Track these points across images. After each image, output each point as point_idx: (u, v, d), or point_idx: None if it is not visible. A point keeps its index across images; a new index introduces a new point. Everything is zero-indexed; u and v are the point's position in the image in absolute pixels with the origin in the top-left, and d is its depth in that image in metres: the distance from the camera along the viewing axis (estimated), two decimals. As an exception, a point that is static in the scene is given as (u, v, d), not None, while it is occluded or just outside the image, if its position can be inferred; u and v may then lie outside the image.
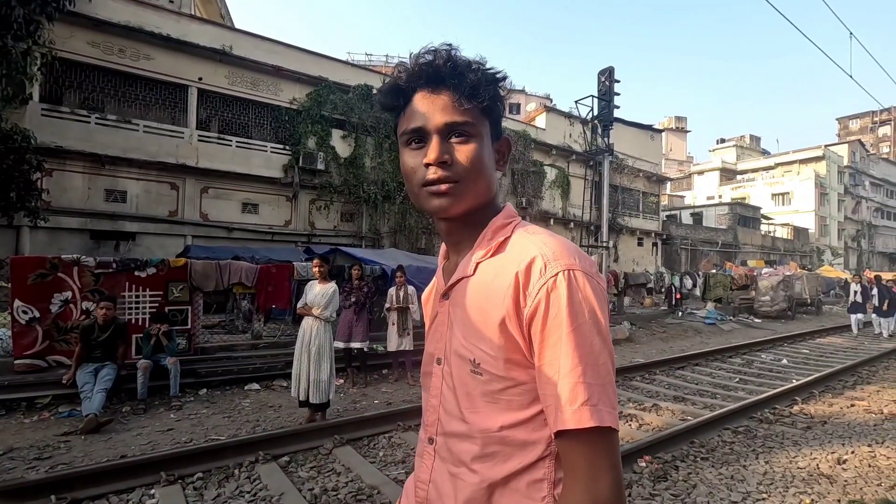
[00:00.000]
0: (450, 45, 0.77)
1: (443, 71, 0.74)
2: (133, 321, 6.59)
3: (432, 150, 0.74)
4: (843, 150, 43.64)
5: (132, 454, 4.13)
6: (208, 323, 9.76)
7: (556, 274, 0.69)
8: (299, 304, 5.29)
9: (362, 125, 15.21)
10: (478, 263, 0.79)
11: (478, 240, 0.81)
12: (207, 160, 12.95)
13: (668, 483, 3.75)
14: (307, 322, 5.13)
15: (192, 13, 14.28)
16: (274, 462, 4.06)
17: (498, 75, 0.78)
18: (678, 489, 3.64)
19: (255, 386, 6.54)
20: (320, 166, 14.37)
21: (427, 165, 0.74)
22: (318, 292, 5.22)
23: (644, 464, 4.05)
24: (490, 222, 0.81)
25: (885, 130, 61.77)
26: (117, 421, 5.02)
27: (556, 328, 0.68)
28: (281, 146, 14.21)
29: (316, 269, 5.33)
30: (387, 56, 33.32)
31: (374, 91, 15.39)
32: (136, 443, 4.48)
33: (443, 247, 0.92)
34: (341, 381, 6.80)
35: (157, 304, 6.79)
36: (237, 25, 15.14)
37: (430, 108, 0.75)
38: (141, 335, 6.11)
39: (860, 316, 13.29)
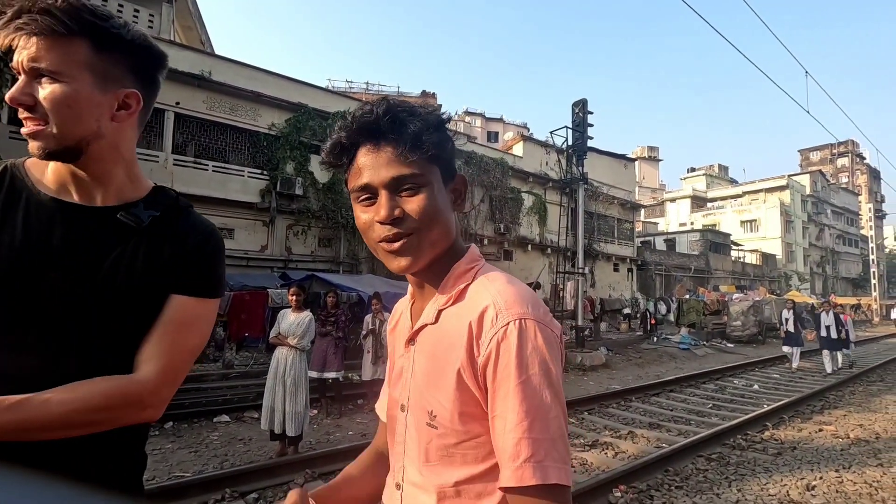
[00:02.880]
0: (387, 98, 0.76)
1: (382, 125, 0.72)
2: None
3: (382, 208, 0.72)
4: (805, 180, 45.69)
5: (89, 494, 3.92)
6: (178, 351, 9.48)
7: (507, 323, 0.68)
8: (272, 334, 5.19)
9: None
10: (440, 311, 0.78)
11: (440, 286, 0.79)
12: (183, 184, 12.75)
13: (642, 515, 3.74)
14: (281, 352, 5.03)
15: (172, 39, 14.30)
16: (241, 500, 3.91)
17: (441, 118, 0.78)
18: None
19: (225, 418, 6.33)
20: (298, 191, 14.30)
21: (380, 223, 0.74)
22: (293, 321, 5.14)
23: (619, 493, 4.04)
24: (453, 267, 0.80)
25: (844, 161, 65.04)
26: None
27: (505, 379, 0.67)
28: (258, 171, 14.13)
29: (293, 298, 5.27)
30: (367, 83, 33.84)
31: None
32: (94, 481, 4.26)
33: (409, 287, 0.90)
34: (315, 411, 6.64)
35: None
36: (217, 52, 15.22)
37: (374, 164, 0.73)
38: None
39: (789, 350, 11.54)
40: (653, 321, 17.56)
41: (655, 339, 16.48)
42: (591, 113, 14.16)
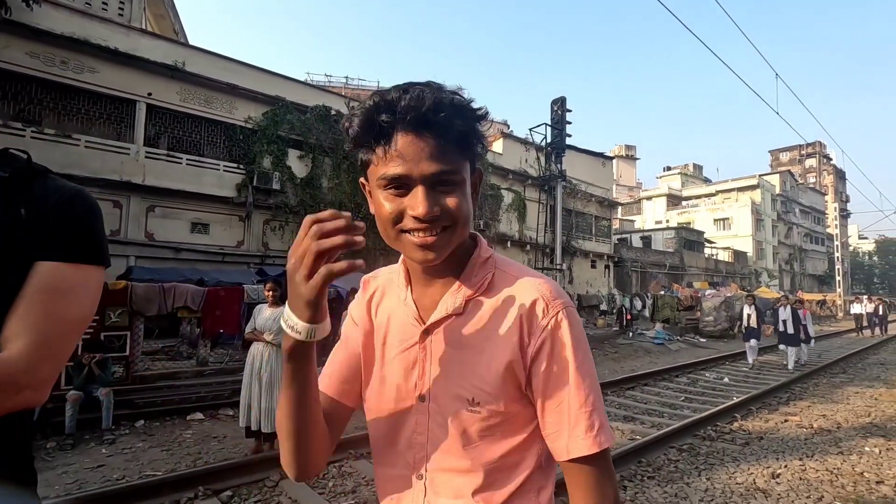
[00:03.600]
0: (436, 84, 0.72)
1: (430, 115, 0.69)
2: (64, 348, 6.14)
3: (421, 204, 0.70)
4: (775, 180, 47.10)
5: (54, 495, 3.81)
6: (150, 349, 9.24)
7: (557, 312, 0.76)
8: (248, 329, 5.11)
9: (320, 146, 15.09)
10: (467, 300, 0.79)
11: (463, 275, 0.80)
12: (155, 178, 12.44)
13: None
14: (257, 348, 4.96)
15: (143, 27, 13.88)
16: (215, 497, 3.85)
17: (482, 114, 0.75)
18: None
19: (199, 415, 6.21)
20: (276, 186, 14.10)
21: (414, 217, 0.71)
22: (269, 316, 5.07)
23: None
24: (472, 258, 0.82)
25: (811, 162, 67.24)
26: (40, 459, 4.63)
27: (564, 361, 0.75)
28: (235, 165, 13.86)
29: (269, 294, 5.19)
30: (347, 77, 33.46)
31: (333, 112, 15.39)
32: (60, 482, 4.14)
33: (402, 269, 0.87)
34: (292, 408, 6.57)
35: (91, 331, 6.37)
36: (191, 42, 14.84)
37: (415, 155, 0.69)
38: (71, 364, 5.70)
39: (753, 342, 11.14)
40: (628, 317, 17.89)
41: (631, 334, 16.80)
42: (570, 111, 14.33)
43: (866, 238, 78.66)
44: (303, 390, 0.74)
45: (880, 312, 21.10)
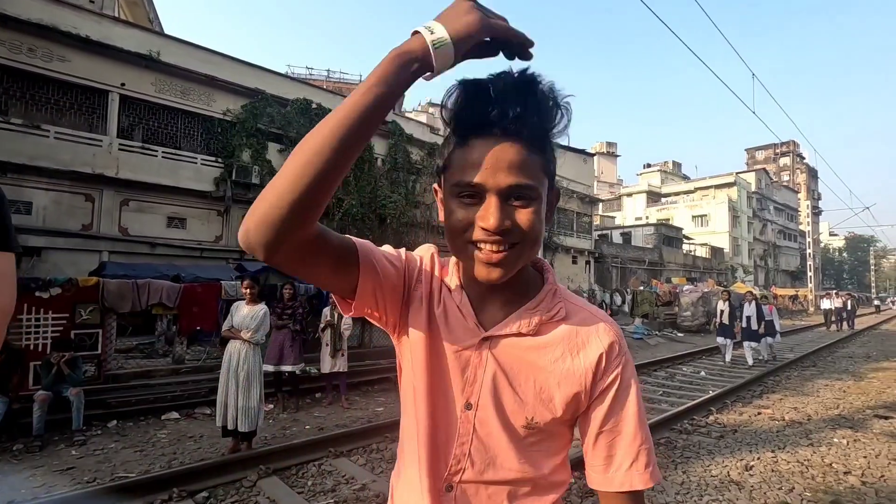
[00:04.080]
0: (530, 78, 0.66)
1: (524, 117, 0.66)
2: (32, 347, 5.95)
3: (492, 216, 0.66)
4: (751, 178, 48.21)
5: (20, 499, 3.69)
6: (124, 347, 9.01)
7: (625, 353, 0.81)
8: (225, 327, 5.01)
9: (301, 140, 14.85)
10: (541, 324, 0.79)
11: (536, 298, 0.80)
12: (129, 171, 12.11)
13: (594, 498, 3.86)
14: (234, 345, 4.87)
15: (116, 15, 13.47)
16: (190, 499, 3.77)
17: (569, 119, 0.71)
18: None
19: (175, 415, 6.08)
20: (255, 180, 13.86)
21: (483, 229, 0.68)
22: (247, 314, 4.98)
23: (573, 480, 4.15)
24: (547, 284, 0.82)
25: (786, 161, 68.98)
26: (6, 461, 4.48)
27: (623, 399, 0.78)
28: (213, 158, 13.58)
29: (246, 291, 5.09)
30: (328, 70, 33.01)
31: (315, 105, 15.18)
32: (27, 485, 4.01)
33: (456, 272, 0.82)
34: (271, 406, 6.48)
35: (61, 329, 6.17)
36: (167, 31, 14.44)
37: (494, 164, 0.66)
38: (39, 363, 5.52)
39: (726, 340, 11.07)
40: (608, 312, 18.12)
41: (611, 329, 17.03)
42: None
43: (837, 235, 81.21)
44: (386, 99, 0.61)
45: (848, 307, 21.74)
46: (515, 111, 0.66)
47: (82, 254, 11.40)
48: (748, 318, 10.73)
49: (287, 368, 6.57)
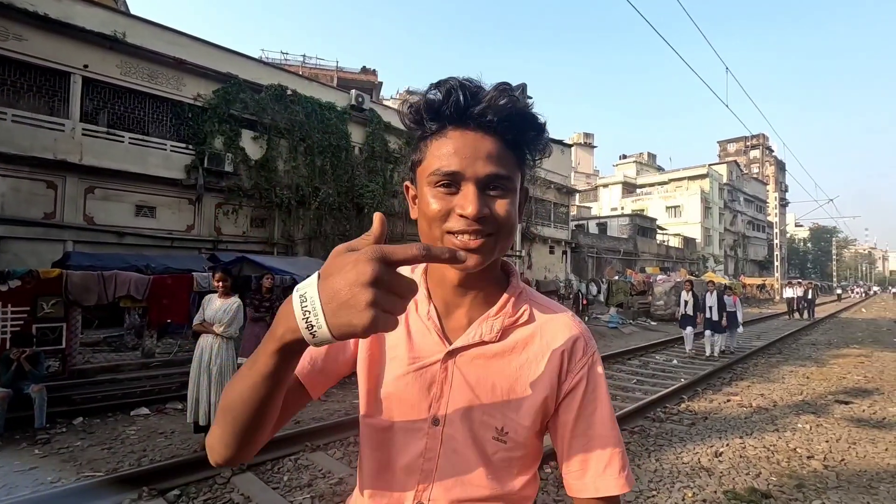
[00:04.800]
0: (506, 85, 0.71)
1: (497, 115, 0.68)
2: (-10, 342, 5.67)
3: (471, 203, 0.67)
4: (723, 170, 49.38)
5: (-21, 502, 3.53)
6: (91, 340, 8.70)
7: (593, 353, 0.78)
8: (196, 320, 4.87)
9: (275, 127, 14.52)
10: (504, 328, 0.76)
11: (500, 302, 0.78)
12: (94, 157, 11.61)
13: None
14: (206, 340, 4.74)
15: (78, -7, 12.79)
16: (161, 498, 3.67)
17: (544, 123, 0.73)
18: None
19: (144, 410, 5.91)
20: (228, 168, 13.47)
21: (461, 216, 0.68)
22: (219, 307, 4.84)
23: (549, 470, 4.21)
24: (511, 286, 0.80)
25: (755, 153, 70.86)
26: (-36, 462, 4.28)
27: (592, 401, 0.75)
28: (183, 145, 13.12)
29: (219, 284, 4.94)
30: (304, 56, 32.19)
31: (290, 92, 14.81)
32: (-14, 487, 3.84)
33: (423, 280, 0.81)
34: (245, 400, 6.37)
35: (21, 323, 5.90)
36: (133, 11, 13.79)
37: (472, 154, 0.68)
38: (-1, 359, 5.28)
39: (689, 330, 10.94)
40: (584, 302, 18.40)
41: (587, 318, 17.30)
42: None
43: (802, 225, 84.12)
44: (278, 386, 0.63)
45: (809, 296, 22.26)
46: (495, 107, 0.67)
47: (45, 243, 10.92)
48: (710, 308, 10.62)
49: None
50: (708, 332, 10.64)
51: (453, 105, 0.68)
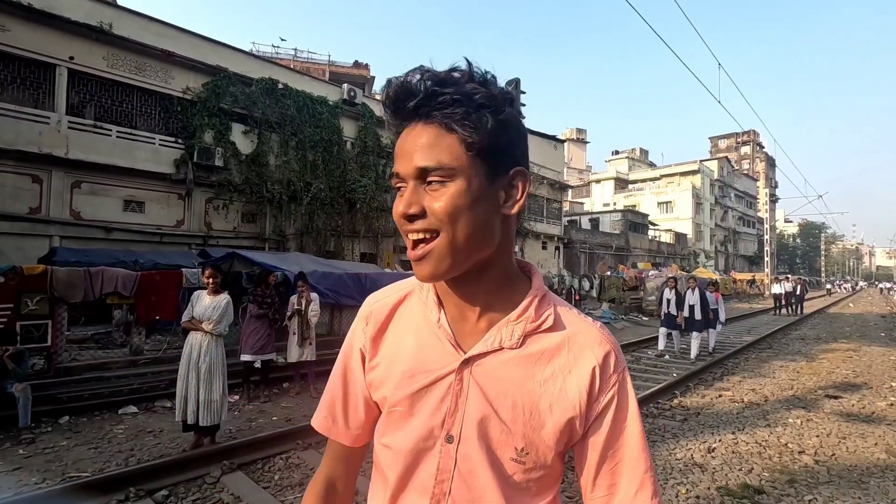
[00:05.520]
0: (431, 70, 0.64)
1: (420, 103, 0.62)
2: (-28, 340, 5.54)
3: (399, 203, 0.64)
4: (714, 166, 49.67)
5: (-40, 505, 3.44)
6: (78, 337, 8.56)
7: (624, 369, 0.72)
8: (185, 317, 4.78)
9: (266, 121, 14.35)
10: (525, 335, 0.69)
11: (522, 305, 0.70)
12: (80, 151, 11.41)
13: (564, 485, 3.90)
14: (195, 337, 4.66)
15: (63, -17, 12.51)
16: (149, 498, 3.60)
17: (502, 97, 0.64)
18: (573, 490, 3.80)
19: (133, 409, 5.82)
20: (218, 162, 13.31)
21: (396, 218, 0.65)
22: (209, 304, 4.75)
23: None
24: (533, 288, 0.73)
25: (746, 150, 71.35)
26: (-55, 463, 4.18)
27: (622, 421, 0.70)
28: (172, 139, 12.95)
29: (209, 281, 4.85)
30: (296, 49, 31.83)
31: (281, 85, 14.63)
32: (-32, 489, 3.74)
33: (432, 285, 0.75)
34: (236, 397, 6.30)
35: (4, 320, 5.77)
36: (119, 2, 13.51)
37: (408, 149, 0.64)
38: (-18, 357, 5.16)
39: (664, 329, 10.26)
40: (577, 297, 18.45)
41: (579, 314, 17.36)
42: (524, 93, 14.27)
43: (791, 221, 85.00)
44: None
45: (798, 292, 21.93)
46: (427, 95, 0.62)
47: (30, 239, 10.73)
48: (691, 306, 9.91)
49: (268, 357, 6.45)
50: (694, 334, 9.88)
51: (390, 104, 0.65)
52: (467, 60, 0.64)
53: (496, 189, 0.66)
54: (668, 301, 10.18)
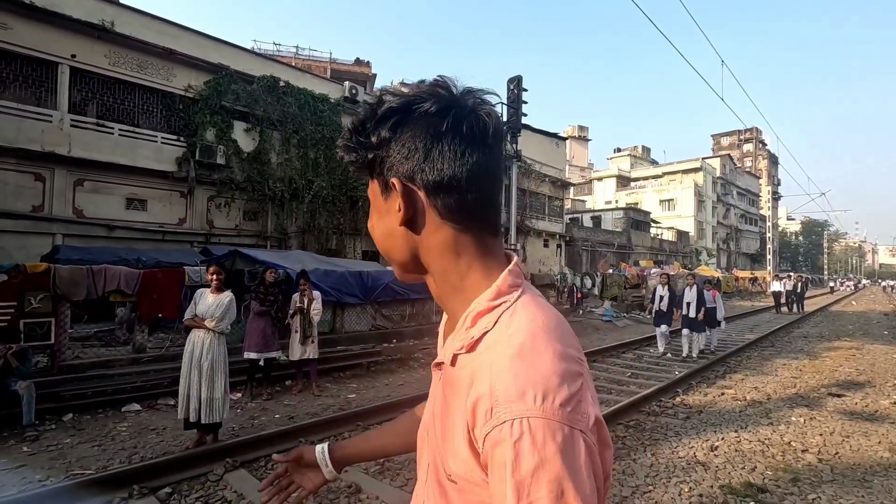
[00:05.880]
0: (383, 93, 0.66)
1: (352, 143, 0.66)
2: (-24, 338, 5.56)
3: None
4: (716, 163, 49.54)
5: (-35, 502, 3.45)
6: (81, 335, 8.58)
7: (503, 423, 0.50)
8: (187, 315, 4.78)
9: (268, 119, 14.35)
10: (455, 355, 0.62)
11: (460, 321, 0.63)
12: (82, 149, 11.42)
13: None
14: (197, 335, 4.66)
15: (64, -20, 12.51)
16: (152, 496, 3.61)
17: (372, 113, 0.63)
18: None
19: (136, 406, 5.83)
20: (220, 160, 13.31)
21: None
22: (212, 303, 4.76)
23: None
24: (473, 303, 0.62)
25: (749, 147, 71.15)
26: (-51, 460, 4.19)
27: (497, 494, 0.50)
28: (174, 137, 12.95)
29: (212, 278, 4.84)
30: (297, 47, 31.79)
31: (282, 83, 14.62)
32: (-28, 486, 3.76)
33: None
34: (239, 395, 6.31)
35: (8, 318, 5.79)
36: (121, 0, 13.49)
37: None
38: (-15, 355, 5.17)
39: (664, 328, 9.84)
40: (579, 295, 18.43)
41: (581, 311, 17.35)
42: (526, 90, 14.25)
43: (794, 219, 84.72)
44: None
45: (798, 290, 21.41)
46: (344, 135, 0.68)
47: (33, 237, 10.76)
48: (688, 304, 9.55)
49: (272, 355, 6.46)
50: (686, 331, 9.53)
51: None
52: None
53: (390, 203, 0.64)
54: (661, 298, 9.86)
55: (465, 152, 0.61)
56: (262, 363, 6.62)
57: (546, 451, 0.48)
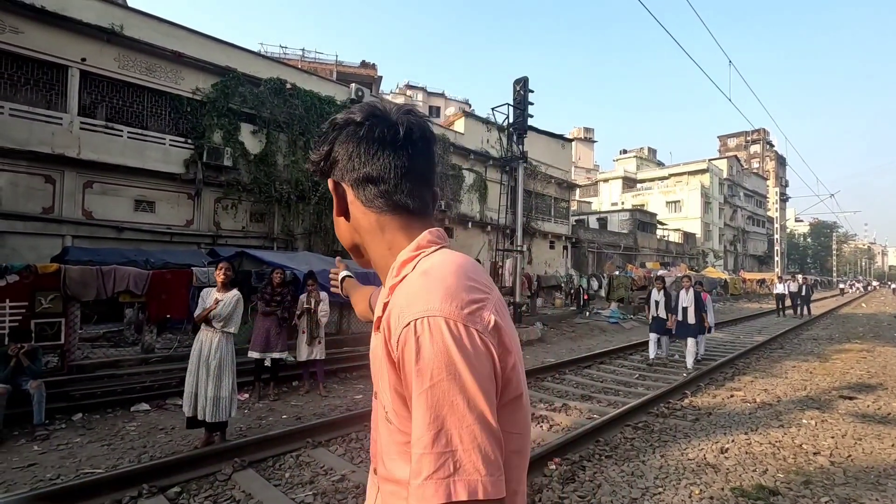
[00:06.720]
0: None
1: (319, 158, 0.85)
2: (-12, 338, 5.61)
3: None
4: (723, 165, 49.21)
5: (-23, 500, 3.48)
6: (90, 335, 8.64)
7: (407, 325, 0.61)
8: (196, 312, 4.80)
9: (275, 121, 14.41)
10: (385, 303, 0.70)
11: (388, 275, 0.77)
12: (92, 151, 11.51)
13: (576, 484, 3.88)
14: (205, 334, 4.69)
15: (74, -15, 12.64)
16: (161, 495, 3.63)
17: (328, 124, 0.82)
18: (584, 490, 3.78)
19: (144, 406, 5.87)
20: (227, 162, 13.37)
21: None
22: (219, 302, 4.78)
23: (554, 466, 4.17)
24: (399, 255, 0.75)
25: (756, 148, 70.66)
26: (-39, 459, 4.23)
27: (410, 389, 0.61)
28: (182, 139, 13.03)
29: (221, 273, 4.86)
30: (303, 50, 31.96)
31: (289, 85, 14.69)
32: (-16, 485, 3.79)
33: None
34: (246, 395, 6.33)
35: (19, 318, 5.84)
36: (130, 4, 13.66)
37: None
38: (-4, 354, 5.21)
39: (654, 336, 9.46)
40: (585, 297, 18.36)
41: (588, 313, 17.27)
42: (532, 91, 14.21)
43: (802, 220, 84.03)
44: None
45: (803, 293, 20.21)
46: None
47: (43, 238, 10.85)
48: (684, 308, 8.92)
49: (275, 355, 6.46)
50: (690, 340, 8.90)
51: None
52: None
53: (339, 199, 0.81)
54: (657, 303, 9.23)
55: (375, 154, 0.75)
56: (268, 363, 6.64)
57: (443, 342, 0.58)
